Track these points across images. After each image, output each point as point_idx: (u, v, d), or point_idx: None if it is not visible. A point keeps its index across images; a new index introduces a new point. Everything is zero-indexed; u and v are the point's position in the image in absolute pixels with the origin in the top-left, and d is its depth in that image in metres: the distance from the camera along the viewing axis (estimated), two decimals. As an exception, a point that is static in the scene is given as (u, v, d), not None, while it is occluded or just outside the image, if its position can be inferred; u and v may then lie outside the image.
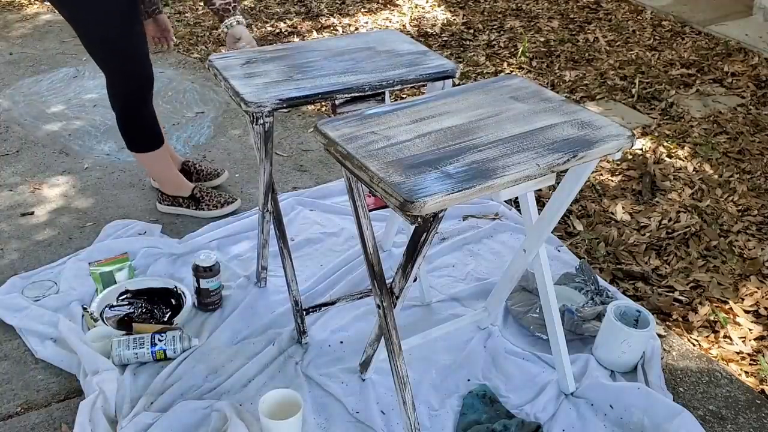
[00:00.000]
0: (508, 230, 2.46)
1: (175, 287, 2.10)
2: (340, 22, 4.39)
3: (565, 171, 1.48)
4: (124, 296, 2.10)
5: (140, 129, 2.34)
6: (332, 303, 2.04)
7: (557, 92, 3.48)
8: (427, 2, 4.79)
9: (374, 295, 1.57)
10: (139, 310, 2.05)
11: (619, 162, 2.91)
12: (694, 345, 2.03)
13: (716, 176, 2.84)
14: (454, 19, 4.50)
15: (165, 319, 2.02)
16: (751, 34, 4.21)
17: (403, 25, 4.39)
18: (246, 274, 2.21)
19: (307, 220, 2.49)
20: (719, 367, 1.93)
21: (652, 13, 4.62)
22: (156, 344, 1.85)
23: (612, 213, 2.61)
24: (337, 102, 1.75)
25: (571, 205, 2.42)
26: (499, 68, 3.82)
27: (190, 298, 2.05)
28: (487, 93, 1.62)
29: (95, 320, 1.97)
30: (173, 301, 2.09)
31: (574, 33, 4.32)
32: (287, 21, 4.43)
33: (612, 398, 1.77)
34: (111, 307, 2.06)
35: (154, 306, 2.07)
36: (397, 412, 1.76)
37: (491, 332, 2.00)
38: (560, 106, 1.57)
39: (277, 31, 4.25)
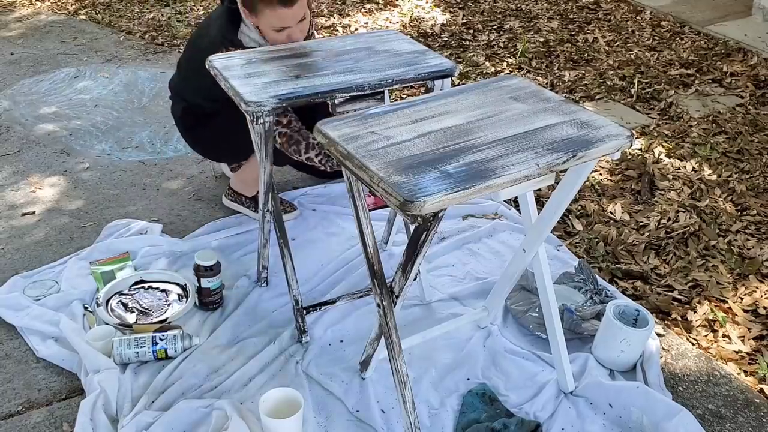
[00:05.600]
0: (507, 230, 2.46)
1: (185, 284, 2.11)
2: (340, 23, 4.40)
3: (565, 171, 1.49)
4: (136, 286, 2.12)
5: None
6: (332, 302, 2.05)
7: (556, 92, 3.49)
8: (426, 2, 4.79)
9: (374, 295, 1.58)
10: (139, 302, 2.06)
11: (618, 162, 2.91)
12: (693, 344, 2.04)
13: (715, 176, 2.84)
14: (454, 20, 4.51)
15: (162, 318, 2.02)
16: (750, 34, 4.22)
17: (403, 26, 4.40)
18: (247, 274, 2.21)
19: (308, 220, 2.50)
20: (718, 366, 1.94)
21: (652, 13, 4.62)
22: (157, 343, 1.86)
23: (611, 213, 2.62)
24: (336, 101, 1.76)
25: (570, 204, 2.43)
26: (499, 68, 3.83)
27: (191, 298, 2.06)
28: (487, 93, 1.63)
29: (96, 308, 1.99)
30: (180, 297, 2.10)
31: (573, 33, 4.33)
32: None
33: (611, 397, 1.77)
34: (121, 294, 2.08)
35: (159, 299, 2.08)
36: (397, 411, 1.76)
37: (491, 331, 2.01)
38: (559, 106, 1.57)
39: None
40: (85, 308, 2.04)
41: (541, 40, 4.20)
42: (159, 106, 3.33)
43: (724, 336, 2.08)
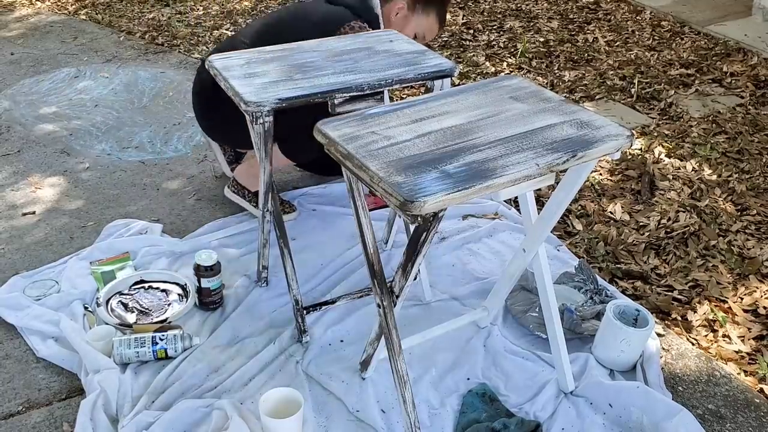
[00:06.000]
0: (507, 229, 2.47)
1: (185, 284, 2.11)
2: (340, 23, 4.39)
3: (565, 171, 1.49)
4: (136, 286, 2.12)
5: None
6: (332, 302, 2.05)
7: (557, 92, 3.49)
8: (426, 2, 4.79)
9: (374, 295, 1.58)
10: (139, 302, 2.06)
11: (618, 162, 2.92)
12: (693, 344, 2.04)
13: (715, 176, 2.84)
14: (454, 20, 4.51)
15: (162, 318, 2.02)
16: (751, 34, 4.22)
17: (403, 25, 4.40)
18: (247, 274, 2.21)
19: (308, 220, 2.50)
20: (718, 366, 1.94)
21: (652, 13, 4.63)
22: (157, 343, 1.86)
23: (611, 212, 2.62)
24: (336, 101, 1.76)
25: (570, 204, 2.43)
26: (499, 68, 3.83)
27: (191, 299, 2.06)
28: (487, 93, 1.63)
29: (96, 308, 1.99)
30: (180, 297, 2.10)
31: (573, 33, 4.33)
32: (287, 21, 4.43)
33: (611, 397, 1.77)
34: (121, 294, 2.08)
35: (159, 299, 2.08)
36: (397, 410, 1.76)
37: (491, 331, 2.01)
38: (559, 106, 1.57)
39: (277, 31, 4.25)
40: (85, 308, 2.04)
41: (541, 40, 4.20)
42: (159, 106, 3.34)
43: (724, 336, 2.08)
